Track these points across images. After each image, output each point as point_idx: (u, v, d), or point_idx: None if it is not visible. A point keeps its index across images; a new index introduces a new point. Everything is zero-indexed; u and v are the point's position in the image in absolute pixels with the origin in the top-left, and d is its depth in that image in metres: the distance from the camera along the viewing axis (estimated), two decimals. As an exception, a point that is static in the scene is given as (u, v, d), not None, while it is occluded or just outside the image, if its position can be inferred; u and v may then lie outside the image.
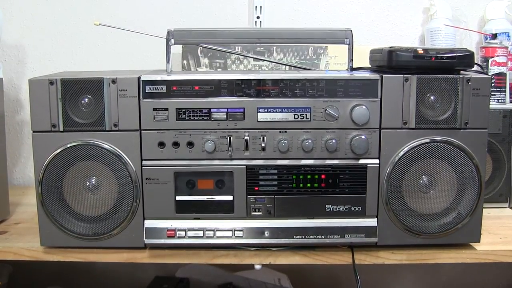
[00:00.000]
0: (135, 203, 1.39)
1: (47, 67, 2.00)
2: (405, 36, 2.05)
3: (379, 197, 1.40)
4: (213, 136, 1.38)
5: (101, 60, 2.04)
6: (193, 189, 1.40)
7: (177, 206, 1.41)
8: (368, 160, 1.40)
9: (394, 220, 1.41)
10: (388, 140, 1.39)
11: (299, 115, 1.38)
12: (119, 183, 1.38)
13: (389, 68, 1.39)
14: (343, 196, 1.41)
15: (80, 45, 2.04)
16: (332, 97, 1.37)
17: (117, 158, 1.38)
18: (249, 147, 1.39)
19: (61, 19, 2.04)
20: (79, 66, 1.93)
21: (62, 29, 2.04)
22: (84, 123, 1.37)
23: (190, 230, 1.40)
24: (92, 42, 2.04)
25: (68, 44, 2.05)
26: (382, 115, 1.38)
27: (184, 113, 1.38)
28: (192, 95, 1.37)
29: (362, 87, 1.37)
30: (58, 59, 2.05)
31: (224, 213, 1.41)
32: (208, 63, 1.86)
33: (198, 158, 1.39)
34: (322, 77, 1.38)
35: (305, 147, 1.38)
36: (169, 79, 1.37)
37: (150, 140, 1.38)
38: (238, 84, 1.37)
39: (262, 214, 1.41)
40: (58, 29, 2.04)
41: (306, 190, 1.41)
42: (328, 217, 1.41)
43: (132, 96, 1.37)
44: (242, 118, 1.38)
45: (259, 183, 1.40)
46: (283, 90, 1.38)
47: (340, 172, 1.40)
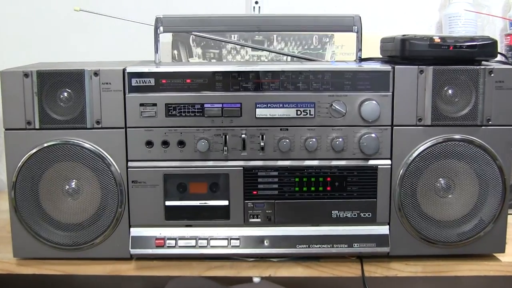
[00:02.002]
0: (120, 209, 1.40)
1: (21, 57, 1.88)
2: (420, 23, 2.04)
3: (391, 202, 1.41)
4: (207, 134, 1.39)
5: (82, 50, 2.03)
6: (184, 193, 1.41)
7: (166, 212, 1.41)
8: (378, 160, 1.40)
9: (408, 228, 1.41)
10: (401, 138, 1.39)
11: (302, 111, 1.38)
12: (102, 187, 1.38)
13: (402, 58, 1.39)
14: (351, 201, 1.41)
15: (58, 34, 2.04)
16: (338, 91, 1.38)
17: (100, 159, 1.38)
18: (247, 147, 1.39)
19: (37, 3, 2.02)
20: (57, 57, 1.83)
21: (39, 15, 2.03)
22: (63, 120, 1.37)
23: (181, 239, 1.40)
24: (71, 30, 2.03)
25: (45, 32, 2.03)
26: (394, 111, 1.38)
27: (175, 109, 1.38)
28: (183, 89, 1.37)
29: (372, 79, 1.37)
30: (33, 49, 2.03)
31: (219, 219, 1.42)
32: (201, 53, 1.86)
33: (190, 159, 1.40)
34: (328, 68, 1.38)
35: (309, 147, 1.39)
36: (157, 71, 1.37)
37: (137, 139, 1.39)
38: (234, 76, 1.37)
39: (261, 221, 1.41)
40: (34, 15, 2.03)
41: (310, 194, 1.41)
42: (334, 224, 1.42)
43: (116, 90, 1.37)
44: (238, 114, 1.38)
45: (258, 186, 1.41)
46: (284, 83, 1.38)
47: (347, 174, 1.40)
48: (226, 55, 1.86)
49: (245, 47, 1.85)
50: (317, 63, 1.60)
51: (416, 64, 1.37)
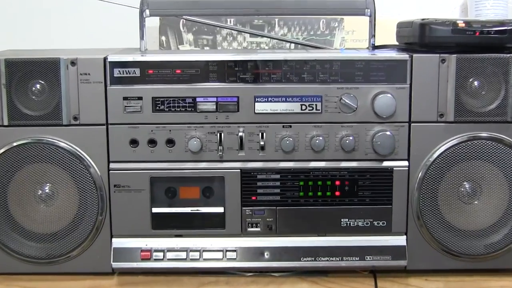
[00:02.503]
0: (100, 216, 1.39)
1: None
2: (442, 4, 2.03)
3: (408, 209, 1.41)
4: (199, 132, 1.39)
5: (57, 36, 2.01)
6: (173, 199, 1.41)
7: (153, 220, 1.41)
8: (394, 162, 1.40)
9: (428, 238, 1.41)
10: (420, 136, 1.39)
11: (307, 106, 1.38)
12: (80, 192, 1.38)
13: (421, 45, 1.39)
14: (363, 208, 1.41)
15: (31, 17, 2.02)
16: (349, 82, 1.37)
17: (78, 160, 1.37)
18: (245, 146, 1.39)
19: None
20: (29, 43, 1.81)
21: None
22: (35, 115, 1.36)
23: (170, 251, 1.41)
24: (45, 13, 2.01)
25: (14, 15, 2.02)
26: (412, 105, 1.38)
27: (163, 103, 1.38)
28: (172, 81, 1.37)
29: (386, 70, 1.37)
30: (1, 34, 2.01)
31: (213, 229, 1.42)
32: (193, 39, 1.85)
33: (180, 160, 1.40)
34: (337, 57, 1.38)
35: (315, 146, 1.38)
36: (143, 60, 1.37)
37: (120, 137, 1.39)
38: (230, 66, 1.37)
39: (261, 230, 1.42)
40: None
41: (316, 200, 1.41)
42: (344, 234, 1.42)
43: (96, 82, 1.37)
44: (235, 109, 1.38)
45: (257, 191, 1.41)
46: (287, 74, 1.37)
47: (359, 177, 1.40)
48: (221, 42, 1.85)
49: (243, 33, 1.84)
50: (324, 51, 1.60)
51: (437, 52, 1.36)
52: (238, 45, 1.86)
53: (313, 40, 1.83)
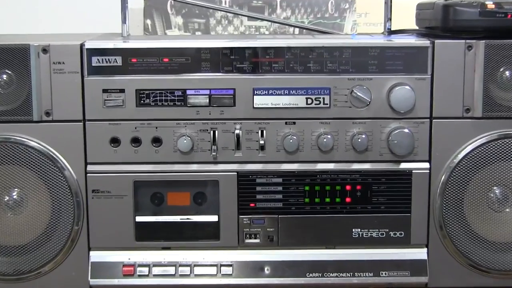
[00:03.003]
0: (77, 226, 1.39)
1: None
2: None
3: (429, 217, 1.41)
4: (190, 129, 1.39)
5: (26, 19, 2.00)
6: (160, 206, 1.42)
7: (137, 230, 1.42)
8: (413, 163, 1.41)
9: (452, 251, 1.41)
10: (443, 134, 1.39)
11: (313, 99, 1.39)
12: (53, 198, 1.38)
13: (444, 30, 1.39)
14: (378, 216, 1.42)
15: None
16: (361, 72, 1.38)
17: (50, 162, 1.37)
18: (242, 146, 1.40)
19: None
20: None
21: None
22: (2, 110, 1.37)
23: (156, 266, 1.41)
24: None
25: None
26: (434, 99, 1.38)
27: (148, 96, 1.38)
28: (159, 71, 1.38)
29: (404, 58, 1.38)
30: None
31: (206, 240, 1.42)
32: (183, 23, 1.85)
33: (168, 162, 1.40)
34: (347, 44, 1.38)
35: (323, 145, 1.38)
36: (125, 47, 1.38)
37: (99, 135, 1.39)
38: (225, 54, 1.38)
39: (261, 241, 1.42)
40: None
41: (324, 207, 1.42)
42: (355, 246, 1.43)
43: (71, 72, 1.37)
44: (231, 103, 1.39)
45: (257, 197, 1.41)
46: (291, 63, 1.38)
47: (372, 181, 1.41)
48: (214, 26, 1.85)
49: (240, 16, 1.84)
50: (333, 36, 1.60)
51: (463, 38, 1.37)
52: (234, 30, 1.86)
53: (320, 24, 1.83)
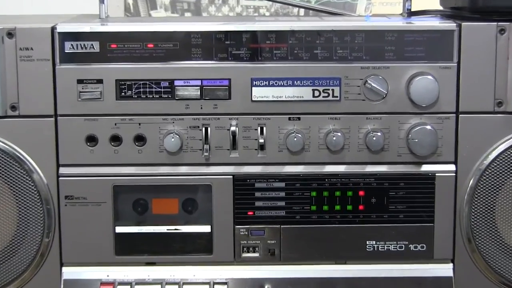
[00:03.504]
0: (47, 238, 1.37)
1: None
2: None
3: (456, 228, 1.38)
4: (178, 126, 1.36)
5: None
6: (144, 214, 1.39)
7: (117, 243, 1.38)
8: (437, 165, 1.37)
9: (482, 267, 1.38)
10: (471, 132, 1.36)
11: (321, 91, 1.34)
12: (20, 205, 1.36)
13: (472, 11, 1.37)
14: (396, 226, 1.38)
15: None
16: (376, 60, 1.34)
17: (16, 164, 1.36)
18: (238, 145, 1.36)
19: None
20: None
21: None
22: None
23: (139, 284, 1.38)
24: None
25: None
26: (460, 91, 1.35)
27: (130, 87, 1.35)
28: (143, 58, 1.34)
29: (427, 43, 1.34)
30: None
31: (197, 254, 1.39)
32: (170, 3, 1.84)
33: (154, 163, 1.37)
34: (361, 27, 1.35)
35: (332, 145, 1.34)
36: (104, 31, 1.34)
37: (73, 132, 1.36)
38: (219, 39, 1.34)
39: (261, 256, 1.39)
40: None
41: (333, 216, 1.38)
42: (370, 261, 1.39)
43: (41, 59, 1.33)
44: (226, 96, 1.35)
45: (255, 204, 1.37)
46: (295, 50, 1.34)
47: (390, 185, 1.37)
48: (206, 6, 1.84)
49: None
50: (344, 18, 1.55)
51: (495, 20, 1.34)
52: (230, 11, 1.85)
53: (329, 4, 1.81)
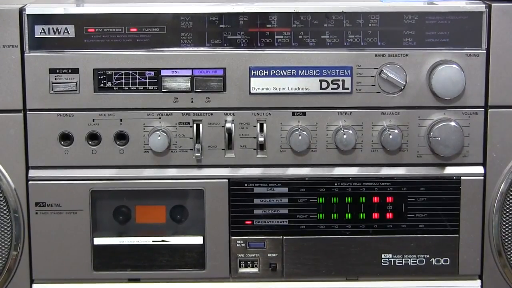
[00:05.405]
0: (15, 251, 1.34)
1: None
2: None
3: (484, 239, 1.33)
4: (166, 122, 1.31)
5: None
6: (127, 224, 1.35)
7: (96, 256, 1.34)
8: (462, 168, 1.32)
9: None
10: (503, 129, 1.32)
11: (329, 82, 1.29)
12: None
13: None
14: (415, 237, 1.34)
15: None
16: (393, 47, 1.29)
17: None
18: (235, 144, 1.32)
19: None
20: None
21: None
22: None
23: None
24: None
25: None
26: (490, 82, 1.30)
27: (110, 78, 1.30)
28: (124, 44, 1.30)
29: (451, 27, 1.29)
30: None
31: (188, 269, 1.35)
32: None
33: (137, 165, 1.32)
34: (375, 8, 1.30)
35: (342, 144, 1.29)
36: (80, 13, 1.30)
37: (45, 130, 1.31)
38: (213, 22, 1.30)
39: (260, 271, 1.34)
40: None
41: (343, 226, 1.34)
42: (386, 277, 1.35)
43: (8, 46, 1.29)
44: (220, 87, 1.30)
45: (254, 212, 1.33)
46: (299, 35, 1.30)
47: (408, 190, 1.33)
48: None
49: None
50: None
51: None
52: None
53: None
